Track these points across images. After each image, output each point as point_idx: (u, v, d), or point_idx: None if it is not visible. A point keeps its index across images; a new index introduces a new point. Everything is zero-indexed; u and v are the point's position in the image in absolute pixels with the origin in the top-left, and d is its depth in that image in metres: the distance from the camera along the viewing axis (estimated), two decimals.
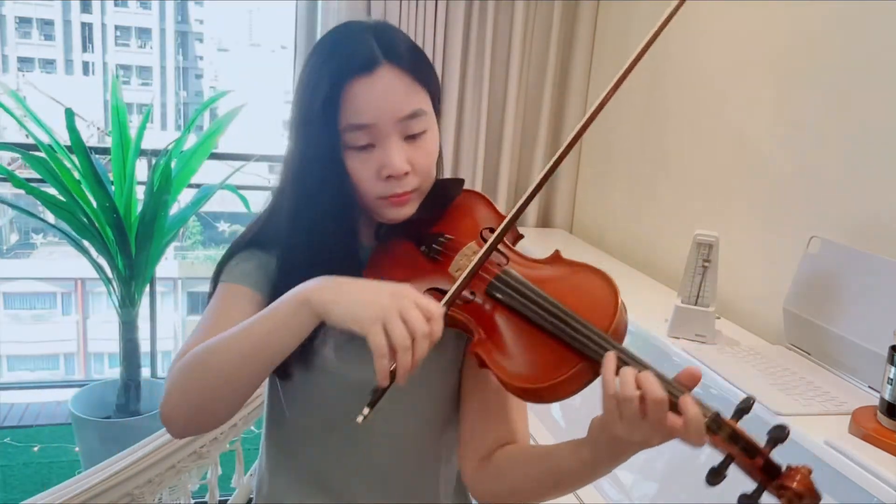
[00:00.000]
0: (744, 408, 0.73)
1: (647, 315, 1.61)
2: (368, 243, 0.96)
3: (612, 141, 2.36)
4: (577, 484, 0.83)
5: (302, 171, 0.90)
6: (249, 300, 0.91)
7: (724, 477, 0.72)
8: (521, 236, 0.94)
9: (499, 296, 0.82)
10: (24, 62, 21.76)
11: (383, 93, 0.85)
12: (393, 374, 0.72)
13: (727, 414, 0.74)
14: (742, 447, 0.71)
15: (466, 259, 0.87)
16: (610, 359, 0.72)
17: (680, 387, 0.73)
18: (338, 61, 0.86)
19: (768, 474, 0.70)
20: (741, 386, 1.26)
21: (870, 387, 1.26)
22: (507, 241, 0.89)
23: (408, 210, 0.91)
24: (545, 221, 2.67)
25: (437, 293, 0.85)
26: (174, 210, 2.90)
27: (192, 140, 2.91)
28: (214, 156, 2.93)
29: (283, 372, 0.93)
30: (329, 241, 0.90)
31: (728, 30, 1.82)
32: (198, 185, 2.97)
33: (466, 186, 0.99)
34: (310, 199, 0.90)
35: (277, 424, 1.02)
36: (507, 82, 2.48)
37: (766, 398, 1.21)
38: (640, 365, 0.73)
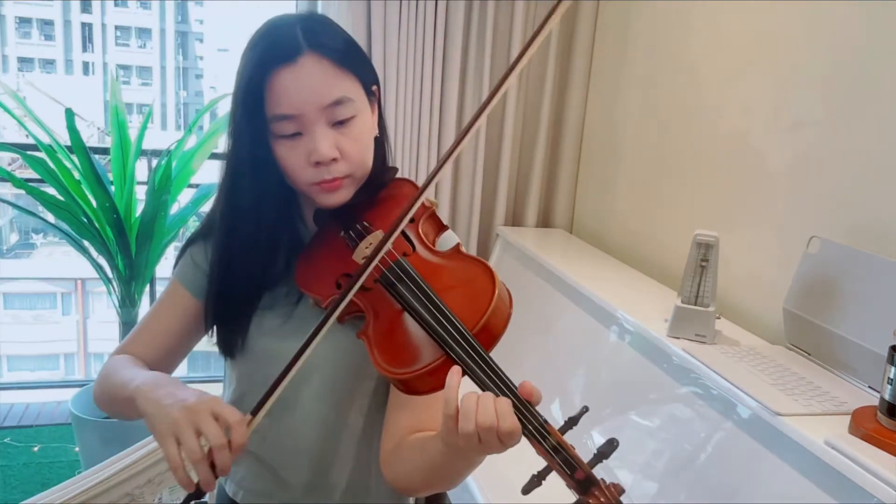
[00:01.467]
0: (576, 416, 0.74)
1: (647, 315, 1.61)
2: (313, 227, 1.01)
3: (613, 141, 2.36)
4: (447, 476, 0.85)
5: (236, 161, 0.93)
6: (184, 303, 1.02)
7: (539, 485, 0.72)
8: (446, 227, 0.97)
9: (387, 283, 0.85)
10: (24, 62, 21.77)
11: (306, 81, 0.86)
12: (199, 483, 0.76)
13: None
14: (562, 459, 0.71)
15: (370, 244, 0.90)
16: (453, 375, 0.73)
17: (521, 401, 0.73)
18: (261, 51, 0.88)
19: (582, 488, 0.70)
20: (741, 386, 1.26)
21: (870, 387, 1.26)
22: (421, 232, 0.92)
23: (341, 196, 0.93)
24: (545, 221, 2.67)
25: (347, 280, 0.89)
26: (174, 210, 2.90)
27: (192, 141, 2.91)
28: (215, 156, 2.93)
29: (225, 351, 1.00)
30: (267, 227, 0.95)
31: (728, 29, 1.81)
32: (198, 186, 2.98)
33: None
34: (243, 189, 0.93)
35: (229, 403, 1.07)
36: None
37: (766, 398, 1.21)
38: (489, 375, 0.74)
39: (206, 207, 2.95)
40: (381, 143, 1.00)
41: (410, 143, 2.43)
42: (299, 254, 0.97)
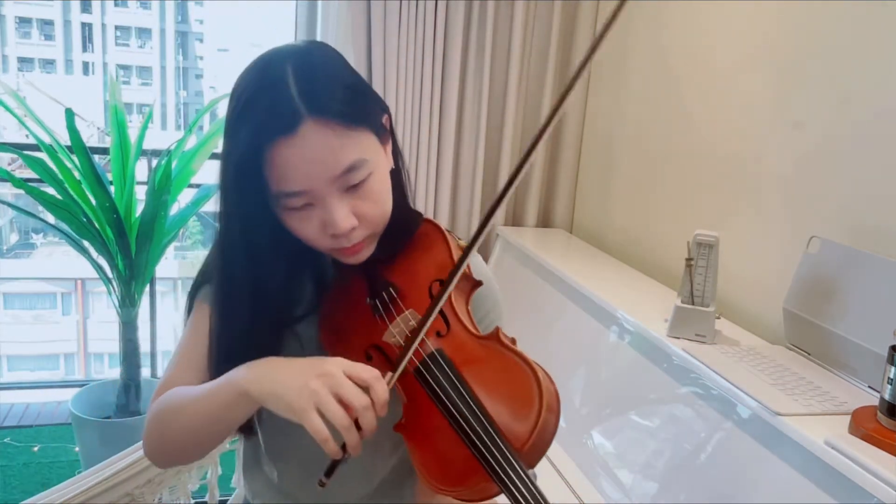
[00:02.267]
0: None
1: (647, 315, 1.61)
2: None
3: (613, 141, 2.36)
4: None
5: (229, 235, 0.84)
6: None
7: None
8: (480, 283, 0.89)
9: (424, 381, 0.79)
10: (24, 62, 21.77)
11: (311, 154, 0.76)
12: (345, 447, 0.72)
13: None
14: None
15: (400, 330, 0.83)
16: None
17: None
18: (256, 120, 0.76)
19: None
20: (741, 386, 1.26)
21: (870, 387, 1.26)
22: (453, 301, 0.83)
23: (364, 254, 0.85)
24: (545, 221, 2.67)
25: (378, 352, 0.84)
26: (174, 210, 2.90)
27: (192, 141, 2.91)
28: (215, 156, 2.93)
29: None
30: (284, 273, 0.87)
31: (728, 29, 1.81)
32: (198, 186, 2.97)
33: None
34: (241, 263, 0.84)
35: (248, 437, 1.02)
36: (507, 82, 2.48)
37: (766, 398, 1.21)
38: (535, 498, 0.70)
39: (207, 208, 2.96)
40: (398, 175, 0.91)
41: (410, 144, 2.43)
42: (324, 295, 0.91)
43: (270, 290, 0.86)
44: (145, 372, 3.03)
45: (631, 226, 2.24)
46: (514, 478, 0.70)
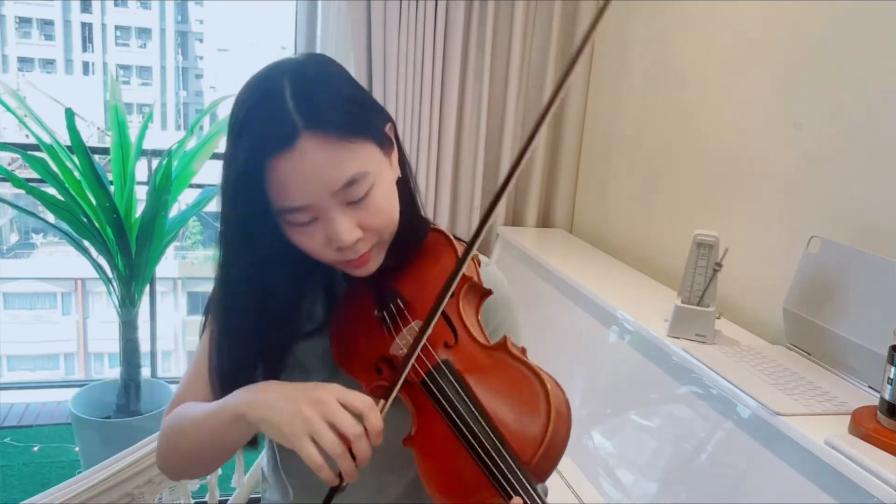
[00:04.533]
0: None
1: (647, 315, 1.61)
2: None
3: (613, 141, 2.36)
4: None
5: (243, 249, 0.82)
6: None
7: None
8: (489, 292, 0.88)
9: (430, 392, 0.78)
10: (24, 62, 21.77)
11: (311, 169, 0.75)
12: (341, 475, 0.72)
13: None
14: None
15: (406, 342, 0.82)
16: None
17: None
18: (253, 137, 0.76)
19: None
20: (741, 386, 1.26)
21: (870, 387, 1.26)
22: (462, 311, 0.82)
23: (372, 266, 0.85)
24: (545, 221, 2.67)
25: (387, 365, 0.83)
26: (175, 210, 2.90)
27: (192, 141, 2.91)
28: (216, 156, 2.93)
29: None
30: (299, 296, 0.88)
31: (727, 29, 1.82)
32: (199, 186, 2.97)
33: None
34: (262, 275, 0.83)
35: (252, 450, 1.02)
36: (507, 82, 2.48)
37: (766, 398, 1.21)
38: None
39: (208, 209, 2.96)
40: (406, 184, 0.91)
41: (410, 144, 2.43)
42: (334, 303, 0.91)
43: (276, 303, 0.85)
44: (145, 372, 3.03)
45: (631, 225, 2.24)
46: (522, 492, 0.69)
